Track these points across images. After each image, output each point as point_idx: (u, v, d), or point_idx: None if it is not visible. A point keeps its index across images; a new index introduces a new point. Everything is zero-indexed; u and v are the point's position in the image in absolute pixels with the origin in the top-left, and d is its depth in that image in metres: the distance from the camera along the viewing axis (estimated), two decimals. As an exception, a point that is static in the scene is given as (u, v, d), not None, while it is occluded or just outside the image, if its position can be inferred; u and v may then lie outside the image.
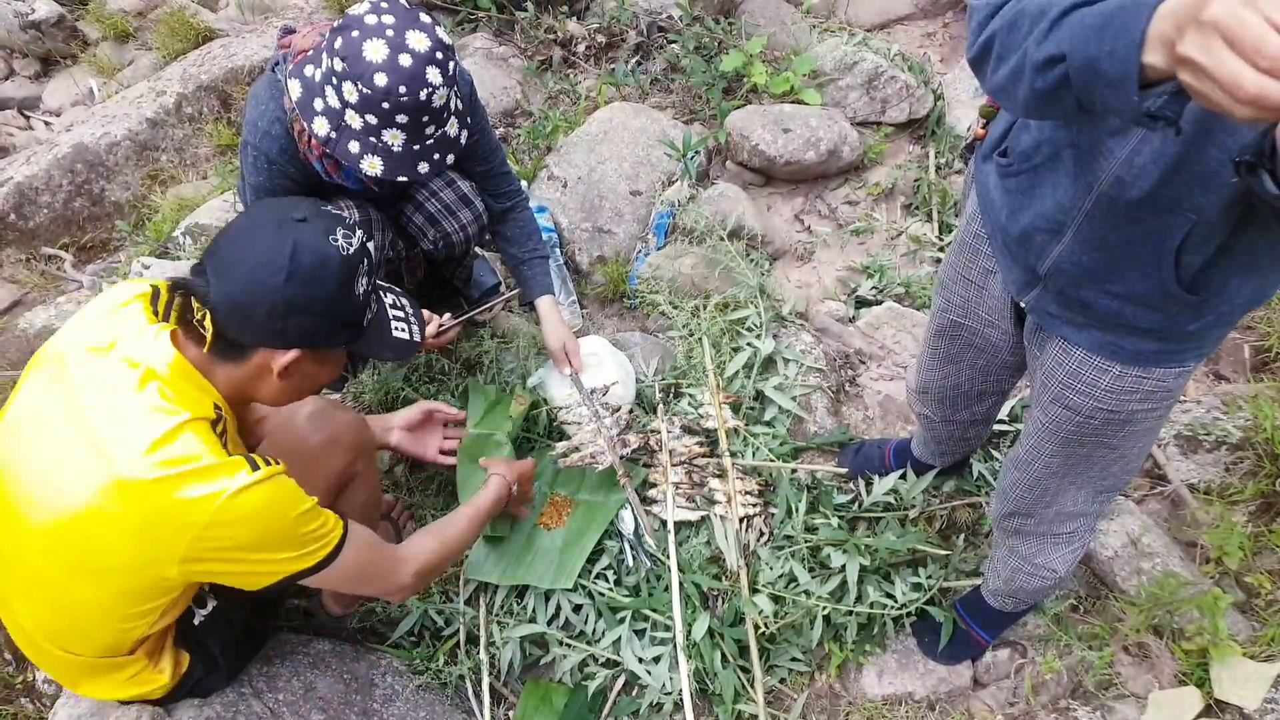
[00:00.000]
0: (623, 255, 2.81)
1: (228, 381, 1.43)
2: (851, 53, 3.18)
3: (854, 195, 3.11)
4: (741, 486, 2.26)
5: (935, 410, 1.97)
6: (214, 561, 1.34)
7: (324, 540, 1.43)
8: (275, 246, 1.36)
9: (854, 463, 2.34)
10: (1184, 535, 2.24)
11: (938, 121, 3.22)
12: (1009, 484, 1.65)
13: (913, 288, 2.79)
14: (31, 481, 1.35)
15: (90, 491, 1.29)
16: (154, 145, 3.38)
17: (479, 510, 1.86)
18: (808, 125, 3.00)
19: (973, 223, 1.50)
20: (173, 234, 3.00)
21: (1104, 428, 1.41)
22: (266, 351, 1.41)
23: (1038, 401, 1.49)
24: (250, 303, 1.35)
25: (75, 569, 1.36)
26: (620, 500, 2.24)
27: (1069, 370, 1.38)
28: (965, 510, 2.29)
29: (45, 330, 2.71)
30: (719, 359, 2.51)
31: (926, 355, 1.86)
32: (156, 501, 1.27)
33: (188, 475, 1.28)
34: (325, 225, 1.41)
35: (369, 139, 1.79)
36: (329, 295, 1.41)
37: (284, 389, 1.48)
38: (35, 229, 3.20)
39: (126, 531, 1.30)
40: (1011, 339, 1.59)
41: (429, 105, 1.77)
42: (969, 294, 1.59)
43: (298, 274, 1.35)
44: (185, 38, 3.76)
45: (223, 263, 1.37)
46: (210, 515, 1.28)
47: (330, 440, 1.73)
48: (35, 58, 3.99)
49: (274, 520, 1.35)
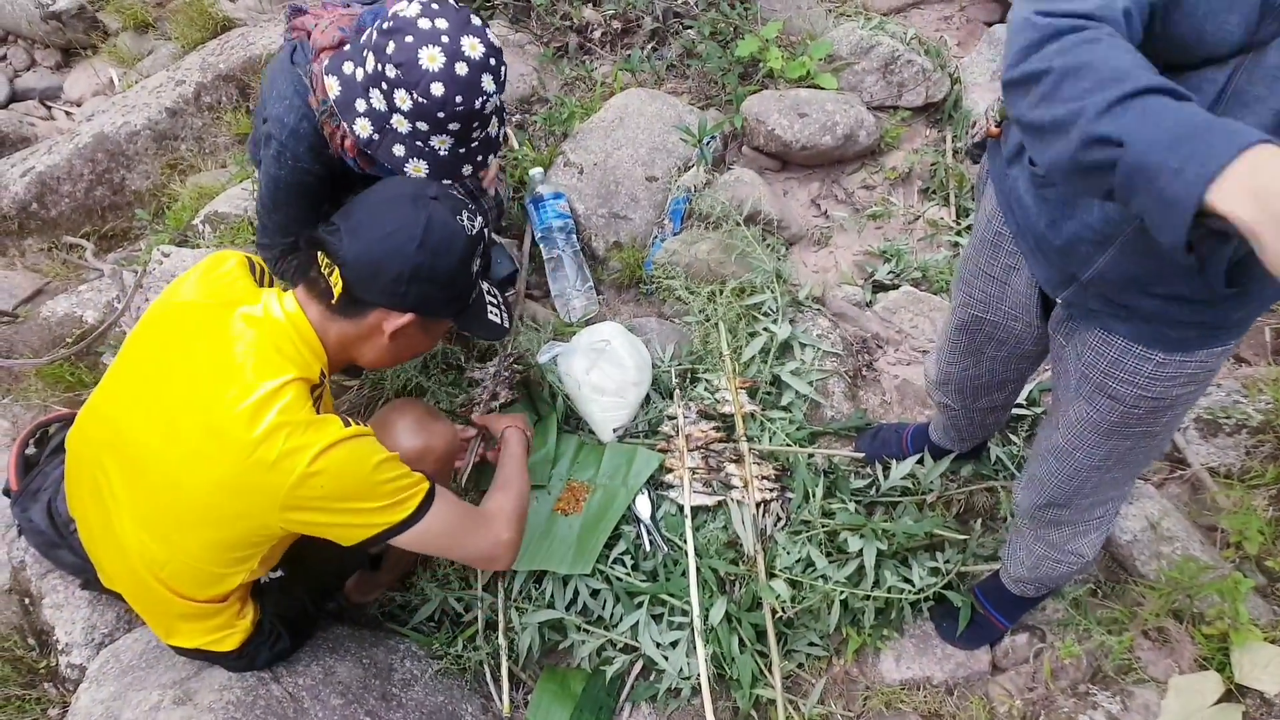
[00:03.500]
0: (639, 241, 2.81)
1: (339, 337, 1.55)
2: (868, 37, 3.15)
3: (871, 180, 3.09)
4: (758, 471, 2.27)
5: (955, 400, 1.96)
6: (311, 511, 1.43)
7: (411, 493, 1.50)
8: (411, 217, 1.49)
9: (871, 447, 2.33)
10: (1204, 519, 2.22)
11: (955, 105, 3.19)
12: (1047, 474, 1.62)
13: (930, 272, 2.78)
14: (151, 427, 1.45)
15: (203, 444, 1.40)
16: (173, 134, 3.39)
17: (518, 461, 1.92)
18: (824, 110, 2.98)
19: (994, 220, 1.48)
20: (192, 222, 3.02)
21: (1148, 415, 1.40)
22: (382, 312, 1.53)
23: (1077, 392, 1.46)
24: (381, 263, 1.47)
25: (189, 513, 1.45)
26: (637, 486, 2.25)
27: (1110, 360, 1.36)
28: (983, 495, 2.29)
29: (67, 318, 2.74)
30: (735, 344, 2.50)
31: (947, 348, 1.84)
32: (259, 456, 1.37)
33: (289, 429, 1.38)
34: (454, 205, 1.56)
35: (416, 144, 1.78)
36: (451, 268, 1.54)
37: (387, 351, 1.60)
38: (57, 218, 3.23)
39: (233, 483, 1.40)
40: (1036, 330, 1.57)
41: (481, 112, 1.76)
42: (991, 289, 1.57)
43: (428, 244, 1.49)
44: (204, 27, 3.77)
45: (359, 225, 1.49)
46: (305, 466, 1.37)
47: (425, 448, 1.77)
48: (56, 48, 4.02)
49: (359, 468, 1.43)
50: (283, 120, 1.92)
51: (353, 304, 1.51)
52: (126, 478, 1.50)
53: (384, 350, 1.60)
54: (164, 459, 1.43)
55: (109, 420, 1.53)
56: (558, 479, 2.31)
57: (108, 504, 1.54)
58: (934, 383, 1.99)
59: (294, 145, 1.93)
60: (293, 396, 1.41)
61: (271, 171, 1.99)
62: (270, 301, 1.52)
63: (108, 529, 1.56)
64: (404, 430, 1.78)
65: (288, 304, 1.52)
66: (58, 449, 1.90)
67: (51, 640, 2.04)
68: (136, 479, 1.48)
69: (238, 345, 1.44)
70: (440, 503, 1.55)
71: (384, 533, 1.49)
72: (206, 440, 1.39)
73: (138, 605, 1.66)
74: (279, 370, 1.42)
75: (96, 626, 2.04)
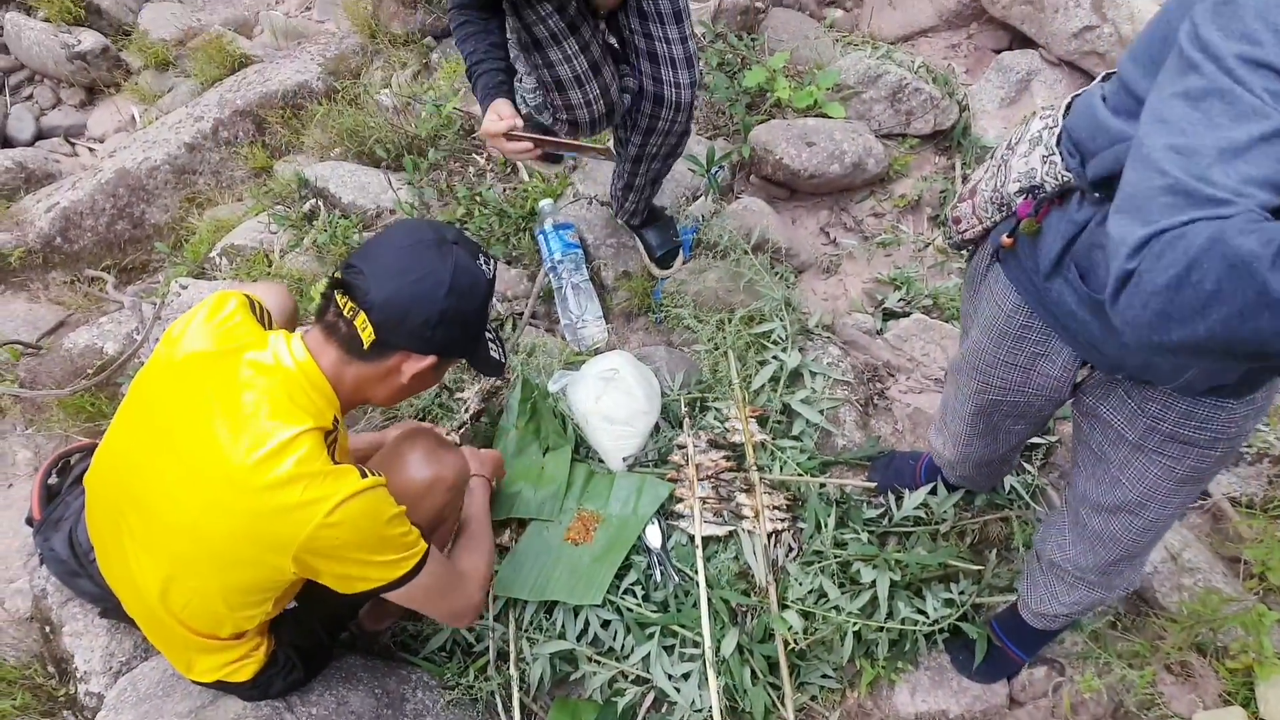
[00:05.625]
0: (647, 270, 2.82)
1: (355, 380, 1.56)
2: (875, 66, 3.16)
3: (880, 207, 3.09)
4: (769, 501, 2.25)
5: (972, 470, 1.95)
6: (322, 558, 1.45)
7: (412, 551, 1.54)
8: (439, 262, 1.51)
9: (884, 477, 2.31)
10: (1226, 550, 2.18)
11: (963, 132, 3.20)
12: (1120, 531, 1.54)
13: (940, 299, 2.77)
14: (165, 476, 1.46)
15: (217, 492, 1.41)
16: (192, 169, 3.46)
17: (485, 515, 1.99)
18: (832, 139, 2.99)
19: (1016, 315, 1.42)
20: (209, 254, 3.07)
21: (1225, 454, 1.37)
22: (404, 354, 1.54)
23: (1141, 446, 1.40)
24: (411, 308, 1.49)
25: (203, 559, 1.47)
26: (648, 515, 2.24)
27: (1181, 412, 1.32)
28: (997, 524, 2.26)
29: (88, 349, 2.78)
30: (745, 372, 2.50)
31: (965, 432, 1.79)
32: (276, 504, 1.39)
33: (306, 480, 1.40)
34: (472, 249, 1.59)
35: None
36: (473, 311, 1.59)
37: (401, 391, 1.62)
38: (79, 251, 3.29)
39: (248, 531, 1.41)
40: (1065, 399, 1.51)
41: None
42: (1013, 376, 1.51)
43: (456, 289, 1.51)
44: (222, 64, 3.86)
45: (386, 270, 1.49)
46: (322, 517, 1.39)
47: (436, 479, 1.78)
48: (81, 87, 4.11)
49: (373, 522, 1.46)
50: None
51: (376, 347, 1.51)
52: (143, 522, 1.51)
53: (399, 390, 1.61)
54: (180, 507, 1.44)
55: (123, 466, 1.55)
56: (568, 508, 2.30)
57: (125, 545, 1.55)
58: (949, 462, 1.96)
59: None
60: (309, 448, 1.42)
61: None
62: (279, 348, 1.52)
63: (124, 567, 1.57)
64: (415, 461, 1.78)
65: (297, 351, 1.52)
66: (79, 478, 1.93)
67: (71, 668, 2.06)
68: (152, 524, 1.49)
69: (247, 394, 1.45)
70: (430, 564, 1.58)
71: (381, 587, 1.53)
72: (223, 490, 1.40)
73: (155, 640, 1.68)
74: (293, 420, 1.43)
75: (115, 655, 2.06)
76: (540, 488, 2.31)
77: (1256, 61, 0.85)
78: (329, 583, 1.51)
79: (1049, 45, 3.34)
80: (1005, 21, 3.47)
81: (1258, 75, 0.85)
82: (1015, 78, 3.34)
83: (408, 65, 3.60)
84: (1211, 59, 0.88)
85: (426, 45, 3.67)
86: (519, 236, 2.87)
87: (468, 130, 3.22)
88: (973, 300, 1.59)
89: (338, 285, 1.53)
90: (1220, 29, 0.88)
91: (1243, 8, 0.87)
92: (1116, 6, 3.16)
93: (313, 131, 3.39)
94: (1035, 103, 3.31)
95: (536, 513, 2.27)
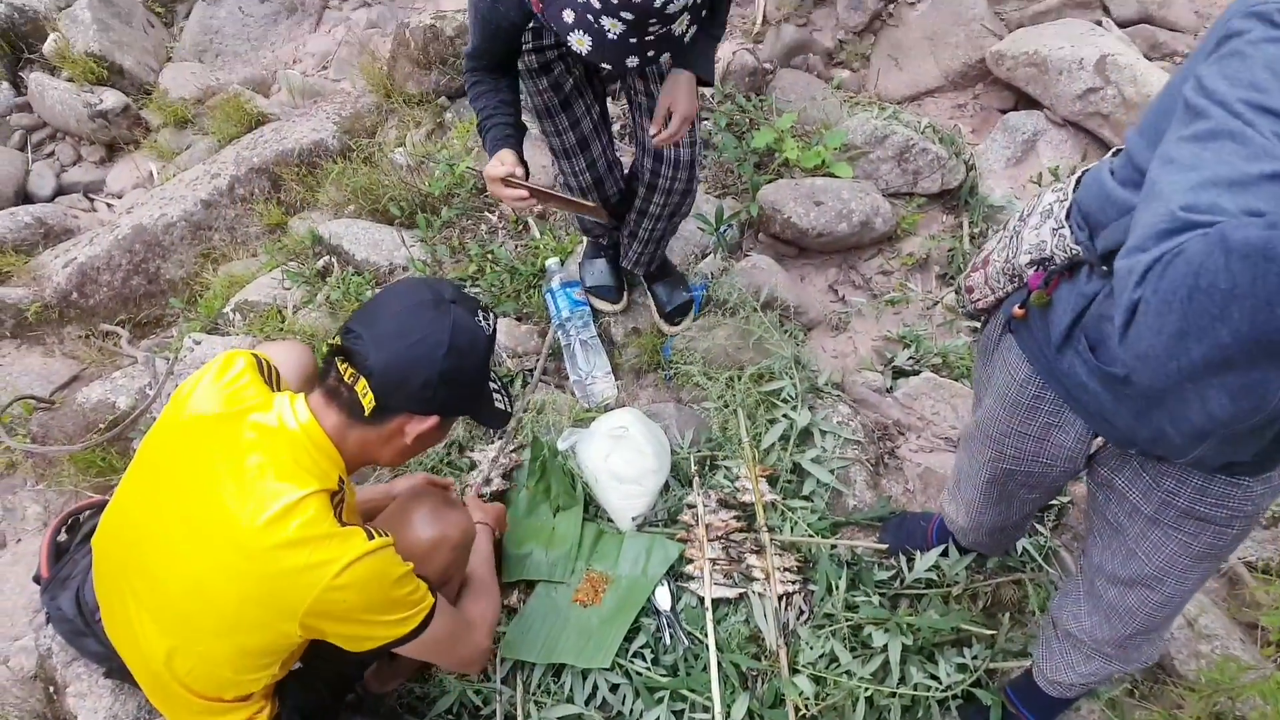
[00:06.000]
0: (656, 326, 2.83)
1: (359, 443, 1.56)
2: (882, 126, 3.21)
3: (888, 265, 3.11)
4: (780, 563, 2.24)
5: (985, 536, 1.94)
6: (330, 621, 1.45)
7: (420, 606, 1.54)
8: (436, 322, 1.52)
9: (895, 538, 2.30)
10: (1243, 616, 2.15)
11: (970, 191, 3.23)
12: (1137, 605, 1.52)
13: (950, 358, 2.77)
14: (171, 540, 1.47)
15: (223, 556, 1.41)
16: (207, 225, 3.50)
17: (489, 562, 2.02)
18: (839, 198, 3.02)
19: (1028, 386, 1.42)
20: (223, 310, 3.10)
21: (1243, 530, 1.36)
22: (407, 416, 1.55)
23: (1156, 520, 1.39)
24: (410, 371, 1.50)
25: (209, 623, 1.47)
26: (657, 577, 2.23)
27: (1195, 488, 1.31)
28: (1010, 587, 2.24)
29: (101, 404, 2.79)
30: (755, 430, 2.50)
31: (978, 500, 1.78)
32: (283, 567, 1.39)
33: (312, 544, 1.40)
34: (471, 307, 1.60)
35: (585, 18, 1.68)
36: (475, 369, 1.60)
37: (406, 451, 1.62)
38: (95, 306, 3.32)
39: (255, 594, 1.41)
40: (1079, 469, 1.51)
41: (663, 10, 1.64)
42: (1026, 445, 1.51)
43: (455, 349, 1.52)
44: (239, 122, 3.93)
45: (384, 334, 1.50)
46: (329, 580, 1.39)
47: (440, 538, 1.78)
48: (101, 144, 4.18)
49: (381, 583, 1.46)
50: None
51: (377, 412, 1.52)
52: (148, 584, 1.51)
53: (403, 451, 1.62)
54: (185, 571, 1.45)
55: (129, 528, 1.55)
56: (577, 569, 2.29)
57: (130, 607, 1.55)
58: (962, 529, 1.96)
59: None
60: (315, 510, 1.42)
61: (482, 8, 1.95)
62: (283, 410, 1.53)
63: (129, 629, 1.57)
64: (421, 520, 1.78)
65: (301, 414, 1.52)
66: (88, 536, 1.92)
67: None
68: (158, 587, 1.49)
69: (252, 457, 1.45)
70: (439, 616, 1.59)
71: (391, 643, 1.53)
72: (228, 554, 1.41)
73: (158, 702, 1.66)
74: (298, 482, 1.43)
75: (119, 716, 2.03)
76: (551, 549, 2.29)
77: (1263, 107, 0.86)
78: (337, 642, 1.51)
79: (1054, 106, 3.39)
80: (1010, 83, 3.53)
81: (1265, 119, 0.86)
82: (1021, 138, 3.39)
83: (422, 124, 3.67)
84: (1219, 104, 0.89)
85: (440, 105, 3.73)
86: (529, 293, 2.90)
87: (480, 189, 3.26)
88: (986, 369, 1.59)
89: (338, 351, 1.53)
90: (1227, 78, 0.90)
91: (1250, 59, 0.89)
92: (1119, 69, 3.21)
93: (327, 189, 3.44)
94: (1042, 163, 3.35)
95: (548, 575, 2.26)
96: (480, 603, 1.87)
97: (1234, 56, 0.91)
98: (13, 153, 4.11)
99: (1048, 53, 3.36)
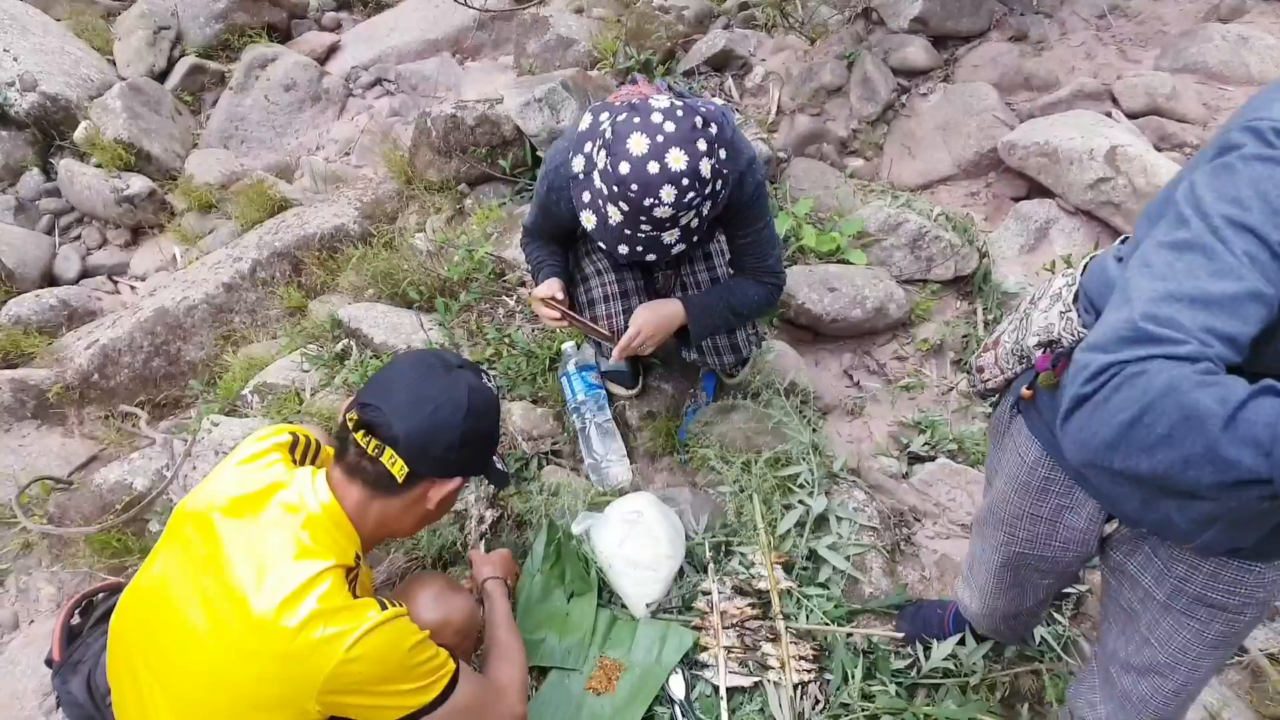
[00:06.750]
0: (672, 410, 2.85)
1: (379, 517, 1.59)
2: (895, 214, 3.28)
3: (903, 351, 3.14)
4: (795, 651, 2.21)
5: (1000, 623, 1.92)
6: (348, 694, 1.45)
7: (440, 674, 1.54)
8: (452, 388, 1.58)
9: (912, 626, 2.27)
10: (1267, 710, 2.11)
11: (984, 278, 3.27)
12: (1148, 693, 1.50)
13: (965, 444, 2.77)
14: (189, 620, 1.47)
15: (240, 638, 1.42)
16: (229, 307, 3.57)
17: (509, 621, 2.00)
18: (853, 284, 3.07)
19: (1039, 468, 1.44)
20: (242, 392, 3.13)
21: (1255, 617, 1.36)
22: (429, 482, 1.58)
23: (1168, 606, 1.39)
24: (434, 436, 1.54)
25: (226, 706, 1.45)
26: (671, 664, 2.20)
27: (1208, 574, 1.31)
28: (1029, 677, 2.20)
29: (118, 485, 2.80)
30: (770, 516, 2.49)
31: (991, 585, 1.78)
32: (299, 642, 1.40)
33: (326, 616, 1.41)
34: (475, 369, 1.66)
35: (596, 200, 1.98)
36: (490, 428, 1.66)
37: (426, 517, 1.69)
38: (115, 387, 3.36)
39: (272, 673, 1.42)
40: (1092, 553, 1.51)
41: (650, 212, 1.89)
42: (1038, 529, 1.52)
43: (473, 411, 1.58)
44: (262, 207, 4.03)
45: (403, 404, 1.54)
46: (343, 653, 1.40)
47: (444, 621, 1.79)
48: (127, 228, 4.29)
49: (395, 651, 1.47)
50: (554, 157, 2.22)
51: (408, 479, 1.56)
52: (164, 668, 1.51)
53: (424, 517, 1.65)
54: (203, 652, 1.45)
55: (148, 610, 1.56)
56: (590, 656, 2.26)
57: (143, 691, 1.54)
58: (976, 615, 1.94)
59: (552, 177, 2.21)
60: (330, 584, 1.44)
61: (539, 185, 2.29)
62: (304, 488, 1.56)
63: (142, 714, 1.55)
64: (424, 603, 1.80)
65: (322, 492, 1.56)
66: (102, 618, 1.92)
67: (82, 817, 1.99)
68: (173, 671, 1.49)
69: (272, 534, 1.49)
70: (463, 681, 1.58)
71: (414, 714, 1.52)
72: (245, 636, 1.41)
73: None
74: (315, 560, 1.46)
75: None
76: (565, 636, 2.27)
77: (1242, 225, 0.91)
78: (357, 716, 1.50)
79: (1065, 195, 3.45)
80: (1022, 171, 3.59)
81: (1240, 238, 0.91)
82: (1034, 225, 3.44)
83: (442, 210, 3.76)
84: (1200, 216, 0.94)
85: (460, 192, 3.83)
86: (545, 377, 2.93)
87: (498, 274, 3.32)
88: (997, 451, 1.60)
89: (359, 426, 1.56)
90: (1214, 190, 0.94)
91: (1238, 174, 0.93)
92: (1129, 160, 3.27)
93: (348, 273, 3.51)
94: (1054, 250, 3.39)
95: (561, 662, 2.23)
96: (507, 665, 1.84)
97: (1225, 170, 0.95)
98: (40, 236, 4.23)
99: (1059, 143, 3.43)
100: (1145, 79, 3.75)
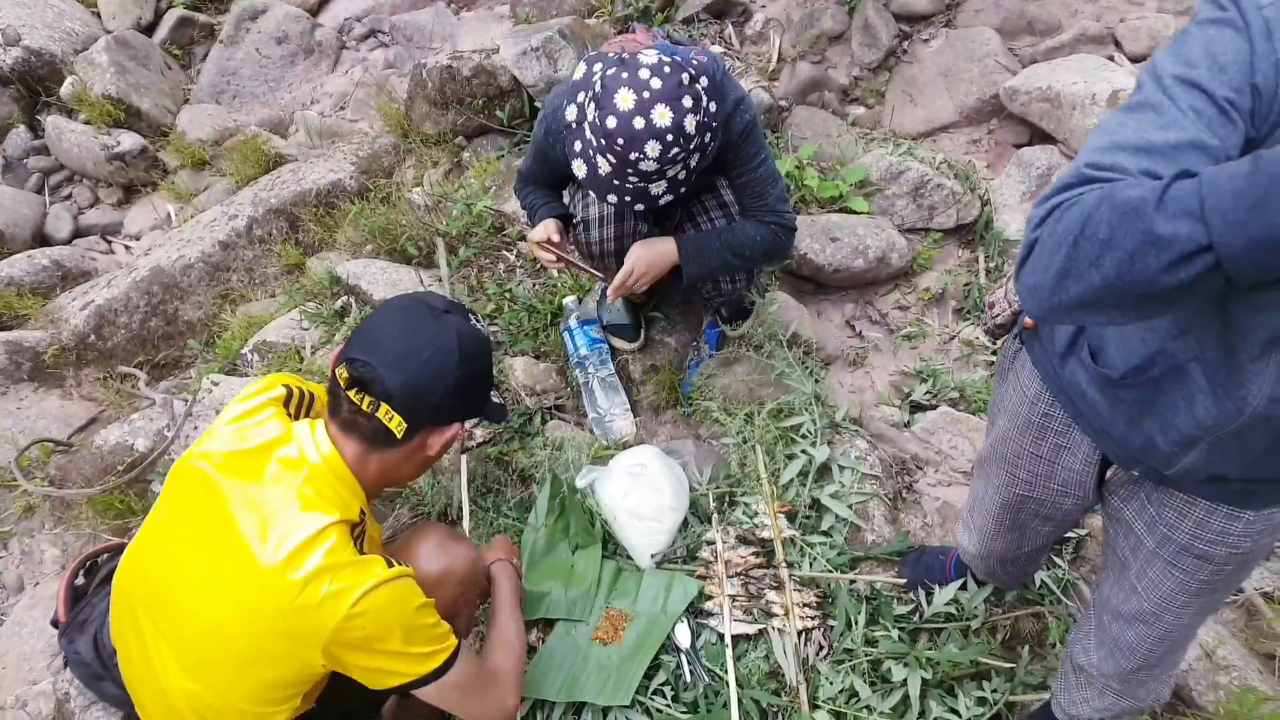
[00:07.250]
0: (675, 363, 2.85)
1: (380, 468, 1.58)
2: (897, 162, 3.24)
3: (904, 300, 3.13)
4: (799, 598, 2.23)
5: (997, 566, 1.94)
6: (351, 650, 1.45)
7: (442, 645, 1.54)
8: (442, 335, 1.55)
9: (914, 572, 2.30)
10: (1261, 647, 2.14)
11: (986, 226, 3.25)
12: (1136, 641, 1.54)
13: (967, 392, 2.78)
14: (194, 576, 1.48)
15: (245, 593, 1.42)
16: (225, 266, 3.54)
17: (513, 607, 1.94)
18: (855, 234, 3.05)
19: (1038, 403, 1.46)
20: (241, 351, 3.12)
21: (1240, 569, 1.37)
22: (428, 431, 1.57)
23: (1156, 554, 1.41)
24: (429, 387, 1.52)
25: (231, 659, 1.46)
26: (677, 614, 2.22)
27: (1196, 521, 1.33)
28: (1029, 620, 2.23)
29: (119, 447, 2.81)
30: (773, 466, 2.50)
31: (990, 527, 1.79)
32: (304, 597, 1.40)
33: (332, 572, 1.41)
34: (462, 311, 1.63)
35: (587, 150, 2.02)
36: (484, 371, 1.64)
37: (427, 463, 1.66)
38: (113, 348, 3.35)
39: (278, 627, 1.42)
40: (1090, 500, 1.53)
41: (636, 165, 1.93)
42: (1038, 468, 1.53)
43: (465, 356, 1.56)
44: (257, 164, 3.97)
45: (393, 356, 1.51)
46: (348, 607, 1.40)
47: (446, 571, 1.79)
48: (119, 186, 4.23)
49: (400, 611, 1.46)
50: (551, 101, 2.25)
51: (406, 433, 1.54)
52: (170, 623, 1.52)
53: (424, 463, 1.65)
54: (208, 606, 1.45)
55: (151, 567, 1.56)
56: (596, 607, 2.29)
57: (149, 648, 1.55)
58: (973, 556, 1.96)
59: (550, 121, 2.24)
60: (336, 539, 1.44)
61: (536, 129, 2.32)
62: (304, 441, 1.54)
63: (149, 670, 1.57)
64: (426, 554, 1.79)
65: (323, 445, 1.54)
66: (105, 579, 1.92)
67: (91, 775, 2.03)
68: (179, 625, 1.50)
69: (274, 489, 1.47)
70: (462, 660, 1.57)
71: (412, 682, 1.51)
72: (252, 589, 1.42)
73: None
74: (319, 514, 1.45)
75: (136, 762, 2.02)
76: (570, 587, 2.30)
77: (1189, 81, 0.96)
78: (358, 676, 1.50)
79: (1068, 141, 3.41)
80: (1024, 118, 3.55)
81: (1187, 93, 0.95)
82: (1036, 172, 3.40)
83: (439, 164, 3.71)
84: (1154, 79, 0.99)
85: (457, 145, 3.78)
86: (547, 332, 2.92)
87: (498, 228, 3.30)
88: (1001, 388, 1.62)
89: (351, 383, 1.53)
90: (1170, 53, 0.99)
91: (1191, 38, 0.98)
92: (1129, 105, 3.23)
93: (345, 229, 3.48)
94: (1055, 198, 3.36)
95: (567, 613, 2.25)
96: (505, 654, 1.80)
97: (1181, 36, 1.00)
98: (30, 195, 4.17)
99: (1061, 88, 3.39)
100: (1148, 21, 3.70)
